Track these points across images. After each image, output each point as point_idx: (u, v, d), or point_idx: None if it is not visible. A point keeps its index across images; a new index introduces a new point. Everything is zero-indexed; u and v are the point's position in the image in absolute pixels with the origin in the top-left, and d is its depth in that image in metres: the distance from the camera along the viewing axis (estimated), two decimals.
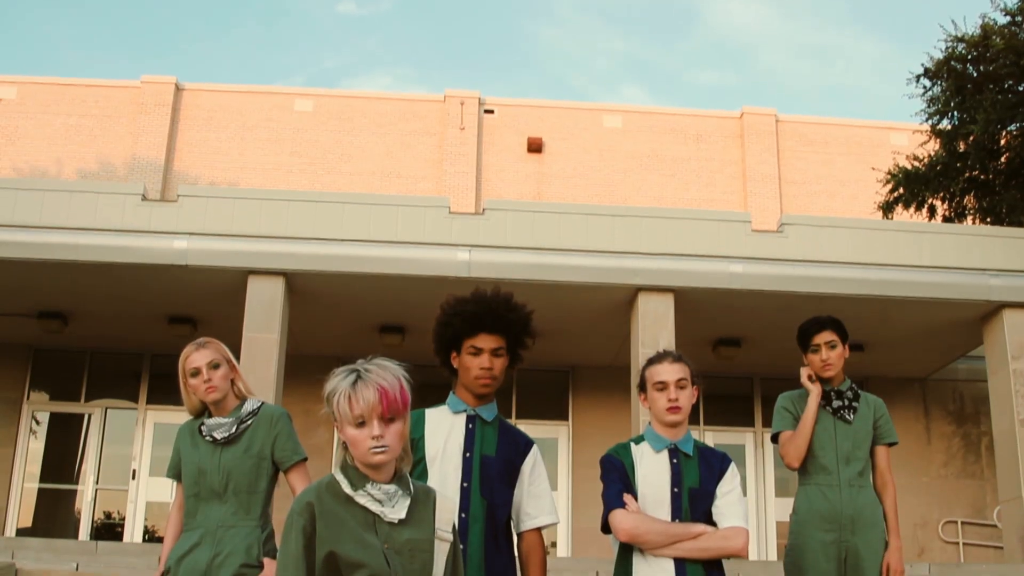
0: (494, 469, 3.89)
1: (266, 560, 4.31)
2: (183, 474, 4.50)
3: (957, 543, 17.11)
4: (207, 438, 4.47)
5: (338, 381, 2.88)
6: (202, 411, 4.58)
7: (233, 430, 4.47)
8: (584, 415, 17.08)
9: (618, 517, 3.90)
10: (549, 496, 4.03)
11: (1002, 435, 14.19)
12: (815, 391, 5.17)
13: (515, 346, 4.02)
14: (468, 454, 3.89)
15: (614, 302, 14.19)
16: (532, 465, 4.00)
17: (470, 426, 3.95)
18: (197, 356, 4.56)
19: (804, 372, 5.26)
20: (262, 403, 4.61)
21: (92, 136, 23.16)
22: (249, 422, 4.51)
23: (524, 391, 17.11)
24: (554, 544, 16.26)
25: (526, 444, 4.03)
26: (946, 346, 16.07)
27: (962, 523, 17.24)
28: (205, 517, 4.36)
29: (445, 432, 3.93)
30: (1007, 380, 14.08)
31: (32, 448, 17.04)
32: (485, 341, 3.92)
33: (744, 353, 15.95)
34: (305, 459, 4.61)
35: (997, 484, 14.87)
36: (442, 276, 13.05)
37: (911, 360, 16.67)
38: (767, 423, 16.25)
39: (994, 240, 14.47)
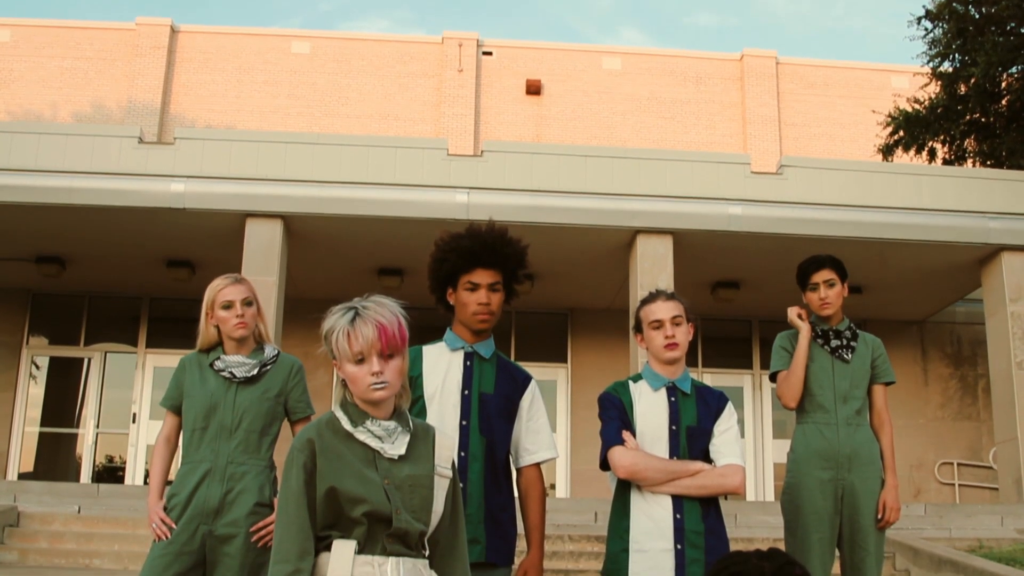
0: (492, 407, 3.89)
1: (276, 501, 4.32)
2: (188, 408, 4.43)
3: (953, 484, 17.25)
4: (223, 374, 4.41)
5: (336, 319, 2.86)
6: (213, 346, 4.51)
7: (255, 371, 4.43)
8: (583, 357, 17.13)
9: (617, 454, 3.91)
10: (548, 431, 4.03)
11: (999, 377, 14.25)
12: (804, 329, 5.17)
13: (511, 280, 4.00)
14: (467, 392, 3.89)
15: (613, 244, 14.17)
16: (530, 401, 4.00)
17: (468, 363, 3.94)
18: (232, 290, 4.44)
19: (792, 311, 5.25)
20: (279, 351, 4.60)
21: (87, 79, 22.99)
22: (269, 367, 4.50)
23: (523, 333, 17.14)
24: (553, 486, 16.38)
25: (524, 380, 4.03)
26: (944, 289, 16.09)
27: (958, 464, 17.37)
28: (212, 452, 4.32)
29: (443, 370, 3.92)
30: (1004, 322, 14.12)
31: (32, 393, 17.10)
32: (482, 276, 3.91)
33: (743, 295, 15.97)
34: (313, 413, 4.61)
35: (993, 426, 14.97)
36: (440, 218, 13.01)
37: (909, 303, 16.71)
38: (765, 365, 16.33)
39: (994, 183, 14.44)
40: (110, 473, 16.97)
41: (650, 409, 4.03)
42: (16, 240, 14.61)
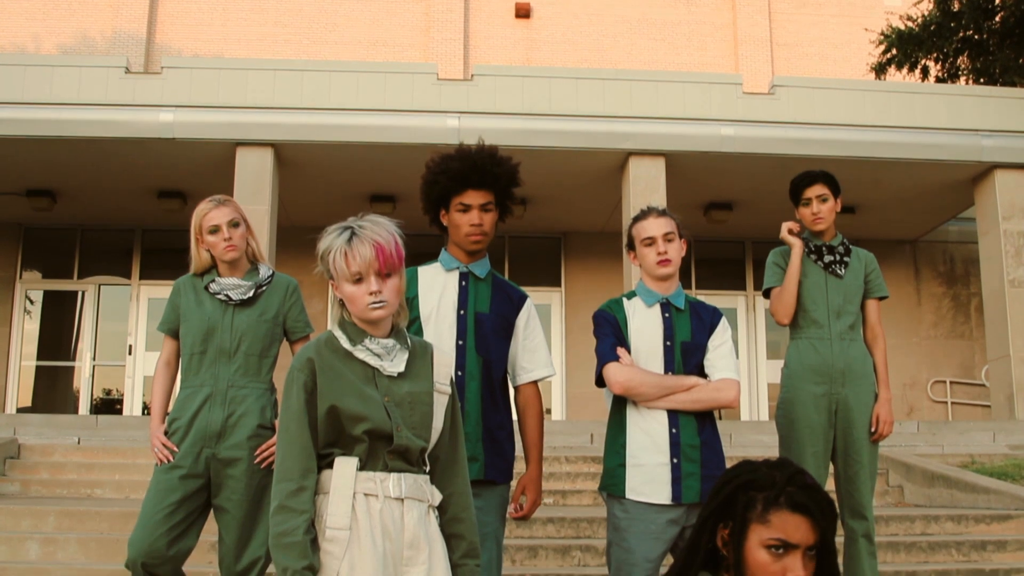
0: (488, 326, 3.91)
1: (277, 423, 4.34)
2: (186, 331, 4.42)
3: (945, 402, 17.40)
4: (219, 296, 4.39)
5: (332, 239, 2.86)
6: (207, 269, 4.47)
7: (251, 293, 4.41)
8: (576, 281, 17.16)
9: (612, 370, 3.93)
10: (544, 349, 4.05)
11: (991, 295, 14.31)
12: (797, 245, 5.18)
13: (504, 199, 4.00)
14: (462, 312, 3.91)
15: (605, 167, 14.13)
16: (526, 319, 4.02)
17: (463, 283, 3.95)
18: (216, 213, 4.39)
19: (785, 227, 5.25)
20: (273, 271, 4.57)
21: (70, 10, 22.64)
22: (264, 287, 4.48)
23: (516, 258, 17.15)
24: (549, 410, 16.49)
25: (519, 298, 4.04)
26: (937, 207, 16.09)
27: (950, 383, 17.50)
28: (212, 376, 4.32)
29: (439, 290, 3.94)
30: (997, 241, 14.14)
31: (27, 327, 17.12)
32: (473, 197, 3.90)
33: (736, 217, 15.96)
34: (312, 332, 4.61)
35: (985, 344, 15.06)
36: (432, 143, 12.87)
37: (902, 222, 16.72)
38: (758, 286, 16.39)
39: (987, 100, 14.37)
40: (108, 405, 17.05)
41: (644, 325, 4.05)
42: (5, 174, 14.52)
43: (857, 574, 5.02)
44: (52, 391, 17.34)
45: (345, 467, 2.78)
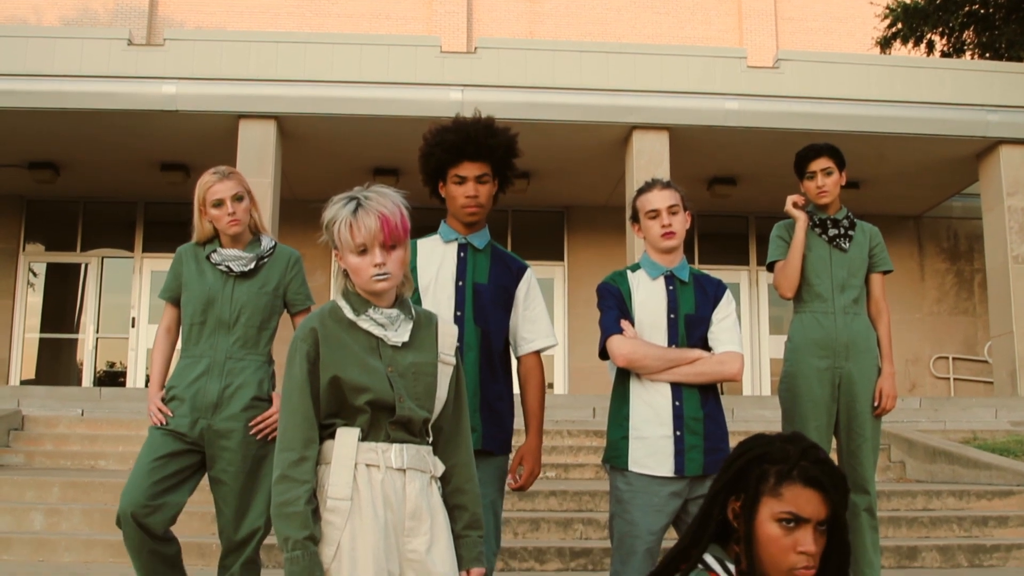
0: (487, 297, 3.90)
1: (274, 395, 4.33)
2: (186, 300, 4.39)
3: (948, 378, 17.41)
4: (221, 267, 4.36)
5: (338, 209, 2.84)
6: (209, 239, 4.43)
7: (252, 265, 4.37)
8: (579, 255, 17.15)
9: (616, 342, 3.93)
10: (545, 319, 4.04)
11: (995, 271, 14.30)
12: (801, 218, 5.16)
13: (501, 170, 3.97)
14: (460, 283, 3.90)
15: (609, 141, 14.10)
16: (526, 290, 4.00)
17: (461, 255, 3.94)
18: (221, 187, 4.34)
19: (789, 200, 5.23)
20: (275, 242, 4.55)
21: None
22: (266, 259, 4.45)
23: (519, 232, 17.13)
24: (551, 385, 16.51)
25: (519, 269, 4.03)
26: (941, 183, 16.06)
27: (953, 359, 17.51)
28: (211, 347, 4.31)
29: (437, 261, 3.93)
30: (1001, 216, 14.12)
31: (31, 300, 17.14)
32: (468, 169, 3.89)
33: (739, 191, 15.94)
34: (313, 304, 4.60)
35: (989, 320, 15.06)
36: (434, 116, 12.78)
37: (906, 197, 16.68)
38: (762, 261, 16.38)
39: (992, 75, 14.31)
40: (111, 378, 17.08)
41: (648, 298, 4.04)
42: (8, 146, 14.51)
43: (859, 548, 5.03)
44: (55, 363, 17.37)
45: (347, 437, 2.78)
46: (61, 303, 17.51)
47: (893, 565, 7.24)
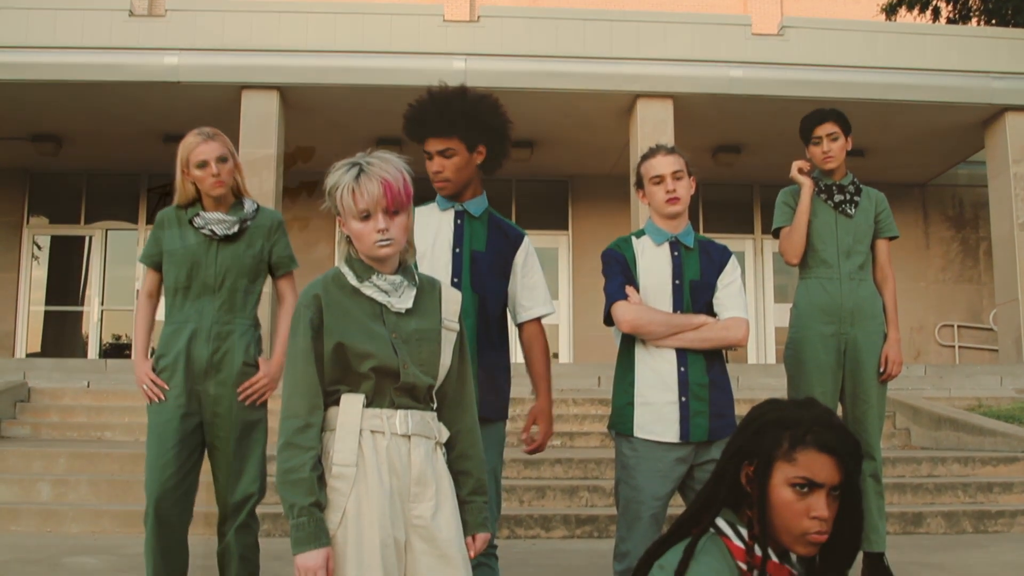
0: (484, 264, 3.88)
1: (261, 360, 4.30)
2: (168, 265, 4.32)
3: (953, 346, 17.40)
4: (204, 231, 4.29)
5: (340, 175, 2.81)
6: (192, 202, 4.38)
7: (236, 228, 4.31)
8: (584, 224, 17.12)
9: (621, 308, 3.92)
10: (543, 287, 4.02)
11: (1001, 239, 14.26)
12: (807, 184, 5.14)
13: (475, 139, 3.89)
14: (457, 250, 3.88)
15: (613, 110, 14.05)
16: (524, 258, 3.98)
17: (458, 222, 3.92)
18: (205, 148, 4.30)
19: (795, 165, 5.20)
20: (258, 205, 4.51)
21: None
22: (249, 222, 4.39)
23: (524, 201, 17.10)
24: (556, 354, 16.53)
25: (516, 237, 4.00)
26: (947, 151, 16.00)
27: (958, 327, 17.50)
28: (196, 312, 4.25)
29: (434, 229, 3.91)
30: (1007, 184, 14.07)
31: (35, 273, 17.15)
32: (431, 144, 3.87)
33: (744, 160, 15.89)
34: (297, 267, 4.56)
35: (994, 288, 15.03)
36: None
37: (911, 165, 16.63)
38: (767, 230, 16.34)
39: (999, 42, 14.23)
40: (117, 350, 17.11)
41: (653, 264, 4.02)
42: (10, 119, 14.48)
43: (864, 513, 5.04)
44: (61, 336, 17.40)
45: (351, 404, 2.77)
46: (66, 276, 17.52)
47: (898, 531, 7.26)
